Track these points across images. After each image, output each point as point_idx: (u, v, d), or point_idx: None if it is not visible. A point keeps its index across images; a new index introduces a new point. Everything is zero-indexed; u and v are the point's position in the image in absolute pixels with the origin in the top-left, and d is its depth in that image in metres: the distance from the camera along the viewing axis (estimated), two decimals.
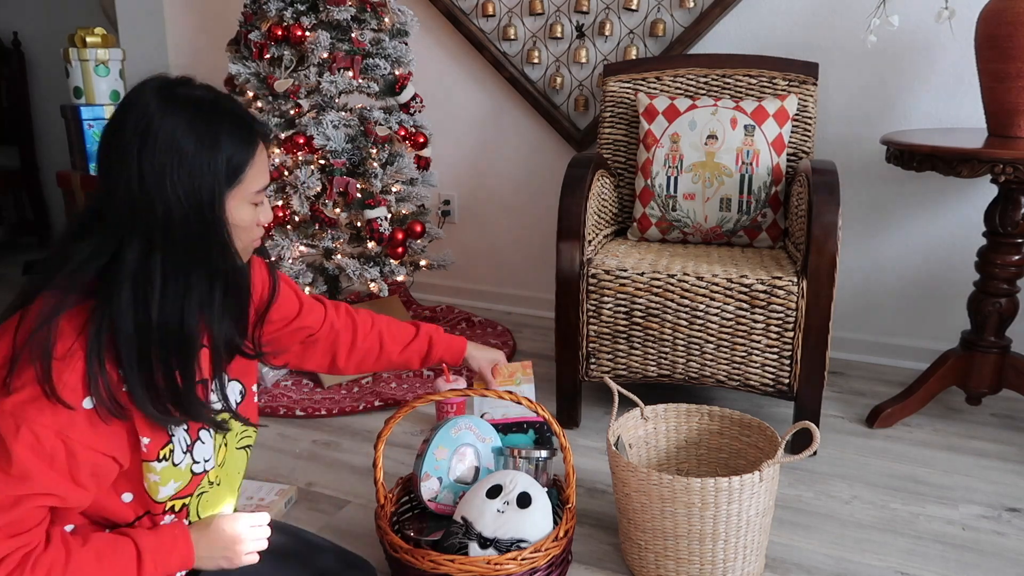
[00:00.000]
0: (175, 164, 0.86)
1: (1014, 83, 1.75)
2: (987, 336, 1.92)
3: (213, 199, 0.89)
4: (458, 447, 1.44)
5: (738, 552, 1.36)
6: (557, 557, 1.28)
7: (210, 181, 0.88)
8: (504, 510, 1.26)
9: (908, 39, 2.22)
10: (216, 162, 0.88)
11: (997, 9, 1.75)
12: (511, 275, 2.99)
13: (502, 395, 1.32)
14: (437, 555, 1.20)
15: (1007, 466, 1.82)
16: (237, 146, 0.91)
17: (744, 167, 2.06)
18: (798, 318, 1.77)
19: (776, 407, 2.09)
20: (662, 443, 1.62)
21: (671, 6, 2.48)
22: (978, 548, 1.52)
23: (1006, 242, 1.87)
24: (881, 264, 2.41)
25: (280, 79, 2.18)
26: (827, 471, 1.80)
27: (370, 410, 2.12)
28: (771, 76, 2.22)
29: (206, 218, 0.89)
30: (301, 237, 2.25)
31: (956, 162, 1.70)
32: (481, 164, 2.93)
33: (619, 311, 1.88)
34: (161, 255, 0.87)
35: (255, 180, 0.94)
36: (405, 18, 2.35)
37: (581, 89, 2.67)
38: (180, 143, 0.86)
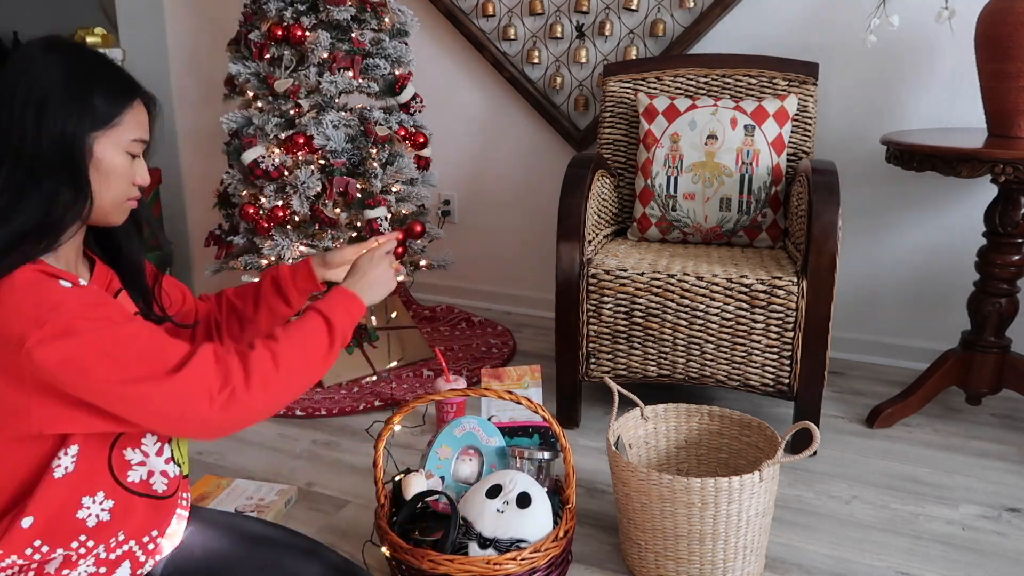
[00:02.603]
0: (45, 98, 0.92)
1: (1014, 83, 1.75)
2: (987, 336, 1.92)
3: (80, 133, 0.94)
4: (462, 447, 1.44)
5: (738, 552, 1.36)
6: (557, 557, 1.28)
7: (76, 118, 0.94)
8: (504, 510, 1.26)
9: (908, 39, 2.22)
10: (88, 102, 0.95)
11: (997, 9, 1.75)
12: (511, 275, 2.99)
13: (502, 395, 1.32)
14: (437, 555, 1.20)
15: (1007, 466, 1.82)
16: (112, 92, 0.97)
17: (744, 167, 2.06)
18: (798, 318, 1.77)
19: (776, 407, 2.09)
20: (662, 443, 1.62)
21: (671, 6, 2.48)
22: (978, 548, 1.52)
23: (1006, 242, 1.87)
24: (881, 264, 2.41)
25: (280, 79, 2.18)
26: (827, 471, 1.80)
27: (370, 410, 2.12)
28: (771, 76, 2.22)
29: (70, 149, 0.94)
30: (301, 237, 2.25)
31: (956, 162, 1.70)
32: (481, 164, 2.93)
33: (619, 311, 1.88)
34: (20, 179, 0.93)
35: (131, 129, 0.99)
36: (405, 18, 2.35)
37: (581, 89, 2.67)
38: (53, 80, 0.93)
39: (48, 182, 0.93)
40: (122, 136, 0.98)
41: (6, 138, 0.92)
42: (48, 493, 0.94)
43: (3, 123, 0.92)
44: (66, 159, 0.94)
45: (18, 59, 0.94)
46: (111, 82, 0.98)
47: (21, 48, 0.96)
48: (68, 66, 0.95)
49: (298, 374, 1.01)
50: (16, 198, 0.92)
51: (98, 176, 0.97)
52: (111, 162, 0.98)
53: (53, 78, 0.93)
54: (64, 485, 0.95)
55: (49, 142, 0.92)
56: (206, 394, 0.91)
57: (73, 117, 0.94)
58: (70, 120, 0.93)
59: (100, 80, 0.97)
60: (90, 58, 0.98)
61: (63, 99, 0.93)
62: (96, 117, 0.96)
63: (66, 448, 0.95)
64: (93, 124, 0.96)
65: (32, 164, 0.92)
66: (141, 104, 1.01)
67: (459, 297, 3.08)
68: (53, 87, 0.93)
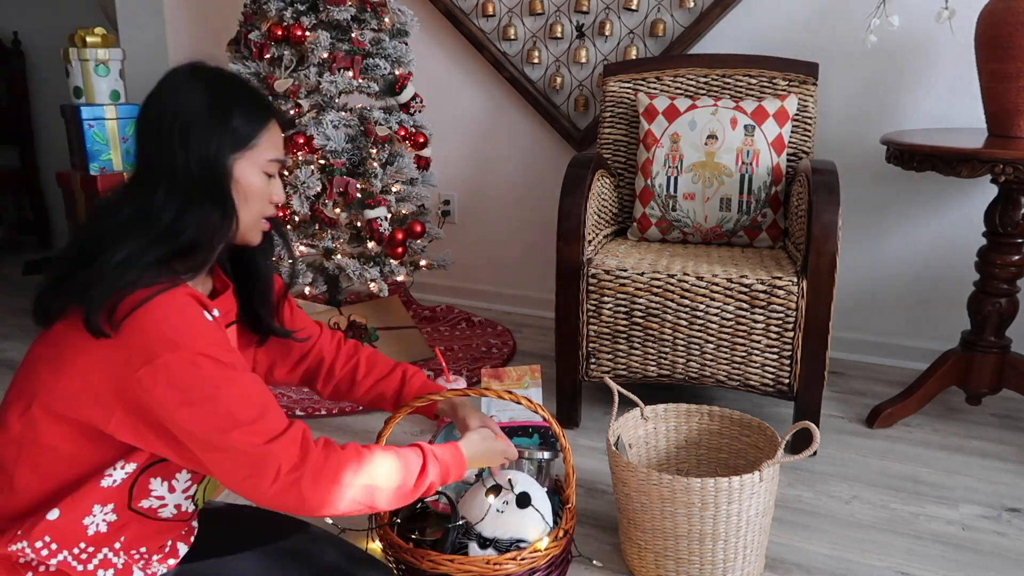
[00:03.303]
0: (189, 121, 0.97)
1: (1014, 83, 1.75)
2: (987, 336, 1.92)
3: (219, 155, 0.98)
4: None
5: (738, 552, 1.36)
6: (557, 557, 1.28)
7: (218, 139, 0.98)
8: (503, 510, 1.26)
9: (908, 39, 2.22)
10: (229, 124, 0.99)
11: (997, 9, 1.75)
12: (511, 275, 2.99)
13: (501, 395, 1.31)
14: (436, 555, 1.20)
15: (1007, 466, 1.82)
16: (249, 114, 1.01)
17: (744, 167, 2.06)
18: (798, 318, 1.77)
19: (776, 407, 2.09)
20: (662, 443, 1.62)
21: (671, 6, 2.48)
22: (978, 548, 1.52)
23: (1006, 242, 1.87)
24: (881, 264, 2.41)
25: (280, 79, 2.18)
26: (827, 471, 1.80)
27: (370, 410, 2.12)
28: (771, 76, 2.22)
29: (214, 173, 0.98)
30: (301, 237, 2.25)
31: (956, 162, 1.70)
32: (481, 164, 2.93)
33: (619, 311, 1.88)
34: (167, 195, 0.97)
35: (267, 149, 1.03)
36: (405, 18, 2.35)
37: (581, 89, 2.67)
38: (197, 105, 0.98)
39: (200, 204, 0.97)
40: (259, 157, 1.02)
41: (159, 161, 0.97)
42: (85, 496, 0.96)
43: (155, 147, 0.97)
44: (212, 181, 0.98)
45: (165, 84, 1.00)
46: (248, 104, 1.02)
47: (169, 73, 1.01)
48: (209, 90, 0.99)
49: (367, 493, 1.01)
50: (176, 219, 0.96)
51: (238, 196, 1.01)
52: (249, 182, 1.02)
53: (196, 102, 0.98)
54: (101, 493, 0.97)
55: (197, 165, 0.97)
56: (274, 470, 0.93)
57: (215, 140, 0.98)
58: (212, 143, 0.98)
59: (239, 102, 1.01)
60: (229, 81, 1.03)
61: (206, 123, 0.98)
62: (235, 139, 1.00)
63: (126, 462, 0.98)
64: (233, 146, 1.00)
65: (186, 186, 0.97)
66: (276, 124, 1.05)
67: (459, 297, 3.08)
68: (197, 111, 0.98)
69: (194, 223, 0.97)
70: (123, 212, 0.96)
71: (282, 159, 1.07)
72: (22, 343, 2.69)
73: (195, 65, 1.03)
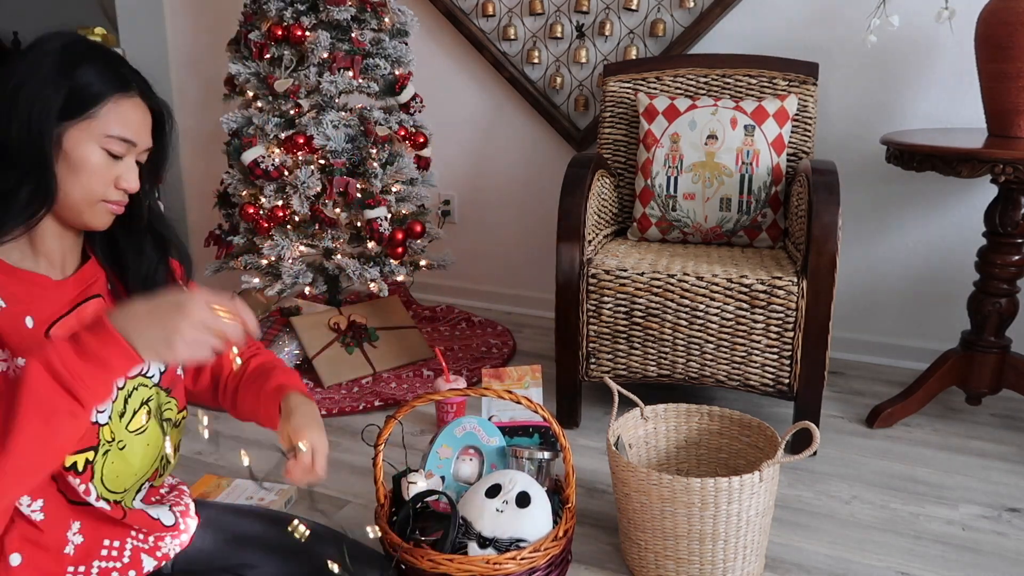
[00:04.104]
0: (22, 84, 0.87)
1: (1014, 83, 1.75)
2: (987, 336, 1.92)
3: (45, 120, 0.87)
4: (462, 447, 1.45)
5: (738, 552, 1.36)
6: (556, 557, 1.28)
7: (48, 104, 0.87)
8: (503, 509, 1.26)
9: (908, 39, 2.22)
10: (64, 87, 0.88)
11: (997, 9, 1.75)
12: (511, 275, 2.99)
13: (501, 394, 1.31)
14: (436, 554, 1.20)
15: (1007, 466, 1.82)
16: (97, 80, 0.90)
17: (744, 167, 2.06)
18: (798, 318, 1.77)
19: (776, 407, 2.09)
20: (662, 443, 1.62)
21: (671, 6, 2.48)
22: (978, 548, 1.52)
23: (1006, 242, 1.87)
24: (881, 264, 2.41)
25: (280, 79, 2.18)
26: (827, 471, 1.80)
27: (370, 410, 2.12)
28: (771, 76, 2.22)
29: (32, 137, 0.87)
30: (301, 237, 2.25)
31: (956, 162, 1.70)
32: (481, 164, 2.93)
33: (619, 311, 1.88)
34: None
35: (111, 123, 0.91)
36: (405, 18, 2.36)
37: (581, 89, 2.67)
38: (41, 64, 0.87)
39: (11, 170, 0.87)
40: (98, 129, 0.90)
41: None
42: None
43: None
44: (31, 147, 0.87)
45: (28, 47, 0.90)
46: (98, 72, 0.90)
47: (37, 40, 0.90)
48: (58, 53, 0.89)
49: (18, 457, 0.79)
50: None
51: (66, 170, 0.90)
52: (80, 155, 0.90)
53: (38, 64, 0.87)
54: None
55: (17, 128, 0.86)
56: None
57: (42, 101, 0.86)
58: (37, 105, 0.86)
59: (86, 69, 0.89)
60: (84, 47, 0.91)
61: (38, 84, 0.87)
62: (69, 103, 0.88)
63: None
64: (65, 111, 0.88)
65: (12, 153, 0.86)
66: (131, 102, 0.93)
67: (459, 297, 3.08)
68: (34, 73, 0.87)
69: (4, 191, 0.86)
70: None
71: (133, 140, 0.93)
72: None
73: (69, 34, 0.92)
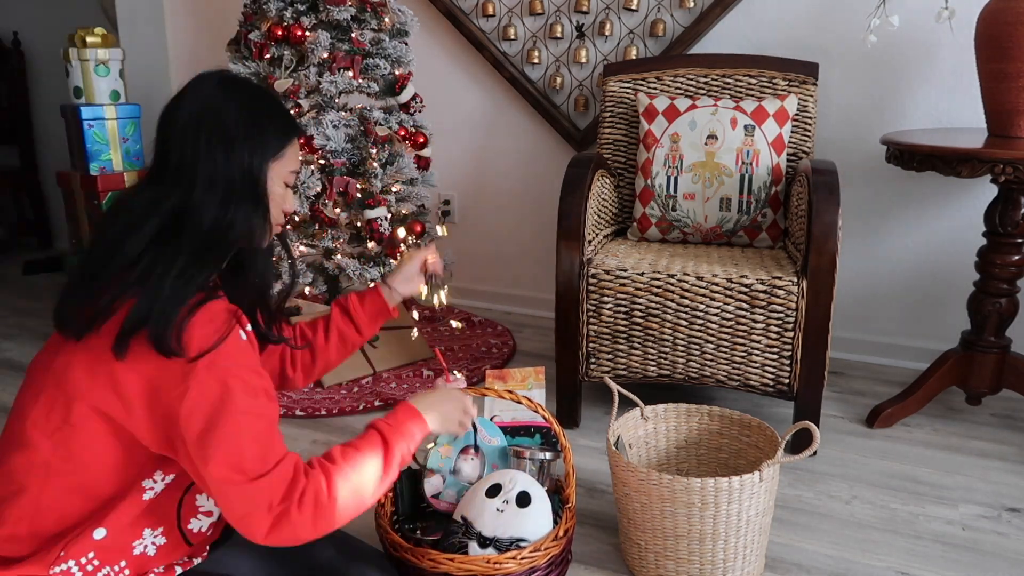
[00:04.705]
0: (230, 130, 1.00)
1: (1014, 83, 1.75)
2: (987, 336, 1.92)
3: (261, 163, 1.03)
4: (463, 446, 1.45)
5: (738, 552, 1.36)
6: (556, 557, 1.28)
7: (260, 148, 1.02)
8: (503, 509, 1.26)
9: (908, 39, 2.22)
10: (265, 134, 1.03)
11: (997, 9, 1.75)
12: (511, 275, 2.99)
13: (502, 394, 1.32)
14: (437, 554, 1.20)
15: (1007, 466, 1.82)
16: (282, 126, 1.06)
17: (744, 167, 2.06)
18: (798, 318, 1.77)
19: (776, 407, 2.09)
20: (662, 443, 1.62)
21: (671, 6, 2.48)
22: (978, 548, 1.52)
23: (1006, 242, 1.87)
24: (881, 264, 2.41)
25: (280, 79, 2.18)
26: (827, 471, 1.80)
27: (370, 410, 2.12)
28: (771, 76, 2.22)
29: (253, 179, 1.02)
30: (301, 237, 2.25)
31: (956, 162, 1.70)
32: (481, 164, 2.93)
33: (619, 311, 1.88)
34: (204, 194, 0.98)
35: (291, 160, 1.08)
36: (405, 18, 2.35)
37: (581, 89, 2.67)
38: (236, 115, 1.01)
39: (240, 206, 1.00)
40: (284, 168, 1.07)
41: (194, 168, 0.98)
42: (129, 511, 0.97)
43: (191, 154, 0.98)
44: (252, 186, 1.02)
45: (195, 93, 1.02)
46: (280, 116, 1.07)
47: (197, 79, 1.04)
48: (245, 99, 1.03)
49: (352, 500, 1.01)
50: (219, 220, 0.98)
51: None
52: (272, 190, 1.06)
53: (235, 114, 1.01)
54: (144, 508, 0.98)
55: (239, 170, 1.00)
56: (266, 506, 0.93)
57: (257, 148, 1.02)
58: (256, 152, 1.02)
59: (273, 114, 1.06)
60: (261, 91, 1.08)
61: (246, 134, 1.01)
62: (271, 149, 1.04)
63: (164, 473, 0.99)
64: (268, 156, 1.04)
65: (225, 190, 0.99)
66: (297, 138, 1.10)
67: (459, 297, 3.08)
68: (237, 122, 1.01)
69: (240, 223, 1.00)
70: (153, 216, 0.96)
71: (298, 170, 1.12)
72: (22, 343, 2.69)
73: (225, 73, 1.06)
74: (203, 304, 0.94)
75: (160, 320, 0.90)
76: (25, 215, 4.16)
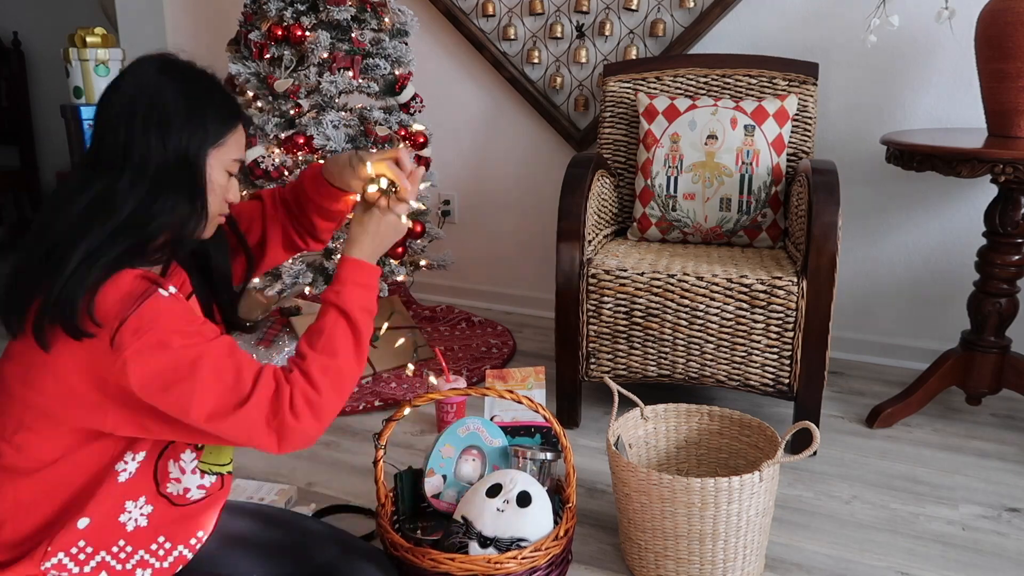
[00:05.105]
0: (166, 115, 0.96)
1: (1014, 83, 1.75)
2: (987, 336, 1.92)
3: (199, 150, 0.98)
4: (465, 447, 1.45)
5: (738, 552, 1.36)
6: (557, 557, 1.28)
7: (199, 134, 0.98)
8: (504, 509, 1.26)
9: (908, 39, 2.22)
10: (205, 120, 0.99)
11: (997, 9, 1.75)
12: (511, 275, 2.99)
13: (502, 394, 1.32)
14: (438, 554, 1.20)
15: (1007, 466, 1.82)
16: (223, 113, 1.02)
17: (744, 167, 2.06)
18: (798, 318, 1.77)
19: (776, 407, 2.09)
20: (662, 443, 1.62)
21: (671, 6, 2.48)
22: (978, 548, 1.52)
23: (1006, 242, 1.87)
24: (881, 264, 2.41)
25: (280, 79, 2.18)
26: (827, 471, 1.80)
27: (370, 410, 2.12)
28: (771, 76, 2.22)
29: (189, 166, 0.98)
30: None
31: (956, 162, 1.70)
32: (481, 164, 2.93)
33: (619, 311, 1.88)
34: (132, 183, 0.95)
35: (233, 148, 1.03)
36: (405, 18, 2.35)
37: (581, 89, 2.67)
38: (174, 99, 0.97)
39: (168, 194, 0.96)
40: (226, 155, 1.03)
41: (126, 152, 0.95)
42: (107, 495, 0.97)
43: (124, 138, 0.95)
44: (188, 173, 0.98)
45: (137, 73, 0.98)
46: (222, 102, 1.03)
47: (138, 62, 1.00)
48: (186, 84, 0.99)
49: (336, 382, 1.01)
50: (140, 207, 0.94)
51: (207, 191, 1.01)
52: (213, 178, 1.02)
53: (173, 94, 0.97)
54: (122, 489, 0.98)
55: (173, 156, 0.96)
56: (264, 424, 0.94)
57: (196, 136, 0.98)
58: (193, 138, 0.98)
59: (213, 100, 1.01)
60: (202, 77, 1.03)
61: (185, 116, 0.97)
62: (210, 135, 1.00)
63: (134, 453, 0.98)
64: (208, 142, 1.00)
65: (155, 175, 0.95)
66: (242, 126, 1.06)
67: (459, 297, 3.08)
68: (175, 103, 0.97)
69: (163, 213, 0.95)
70: (80, 201, 0.94)
71: (243, 159, 1.08)
72: None
73: (166, 57, 1.01)
74: (108, 279, 0.90)
75: (62, 306, 0.87)
76: (25, 215, 4.16)
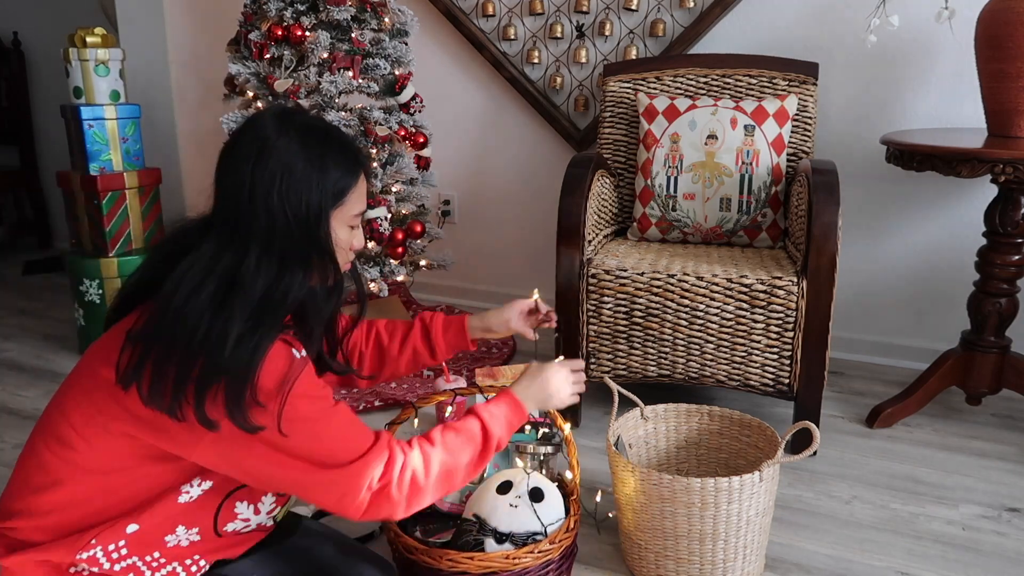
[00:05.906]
0: (285, 180, 0.93)
1: (1014, 83, 1.75)
2: (987, 336, 1.92)
3: (320, 214, 0.96)
4: None
5: (738, 552, 1.36)
6: (567, 548, 1.29)
7: (317, 198, 0.95)
8: (517, 504, 1.27)
9: (908, 39, 2.22)
10: (325, 182, 0.96)
11: (997, 9, 1.75)
12: (511, 275, 2.99)
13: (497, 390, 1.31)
14: (456, 554, 1.20)
15: (1007, 466, 1.82)
16: (343, 170, 0.98)
17: (744, 167, 2.06)
18: (798, 318, 1.77)
19: (776, 407, 2.09)
20: (662, 443, 1.62)
21: (671, 6, 2.48)
22: (978, 548, 1.52)
23: (1006, 242, 1.87)
24: (881, 264, 2.41)
25: (280, 79, 2.18)
26: (827, 471, 1.80)
27: (370, 410, 2.12)
28: (771, 76, 2.22)
29: (312, 231, 0.96)
30: None
31: (956, 162, 1.70)
32: (481, 164, 2.93)
33: (619, 311, 1.88)
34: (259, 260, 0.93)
35: (355, 204, 1.01)
36: (405, 18, 2.35)
37: (581, 89, 2.67)
38: (292, 162, 0.94)
39: (297, 273, 0.95)
40: (348, 212, 1.00)
41: (249, 225, 0.93)
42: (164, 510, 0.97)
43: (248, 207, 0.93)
44: (313, 241, 0.96)
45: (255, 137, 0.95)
46: (342, 157, 0.99)
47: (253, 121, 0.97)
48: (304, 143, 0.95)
49: (444, 482, 1.04)
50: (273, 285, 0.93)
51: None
52: (337, 237, 1.00)
53: (292, 157, 0.94)
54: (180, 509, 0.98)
55: (296, 225, 0.94)
56: (365, 486, 0.95)
57: (315, 199, 0.95)
58: (313, 202, 0.95)
59: (334, 156, 0.98)
60: (322, 131, 0.99)
61: (305, 181, 0.94)
62: (332, 196, 0.97)
63: (202, 480, 0.98)
64: (329, 206, 0.97)
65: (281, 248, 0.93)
66: (363, 176, 1.02)
67: (459, 297, 3.08)
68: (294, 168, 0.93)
69: (296, 289, 0.95)
70: (207, 281, 0.91)
71: (365, 210, 1.05)
72: (22, 343, 2.69)
73: (282, 113, 0.98)
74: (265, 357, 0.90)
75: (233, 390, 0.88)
76: (25, 215, 4.16)
